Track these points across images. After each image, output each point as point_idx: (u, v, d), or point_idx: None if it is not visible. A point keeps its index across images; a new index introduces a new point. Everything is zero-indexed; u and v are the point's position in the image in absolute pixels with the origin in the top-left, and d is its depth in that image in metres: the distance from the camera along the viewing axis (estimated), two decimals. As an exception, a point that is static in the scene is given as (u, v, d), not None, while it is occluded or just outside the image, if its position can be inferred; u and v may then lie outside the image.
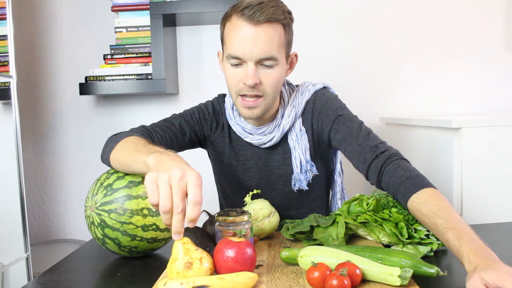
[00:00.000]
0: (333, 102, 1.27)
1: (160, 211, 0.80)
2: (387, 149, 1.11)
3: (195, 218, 0.80)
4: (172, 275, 0.81)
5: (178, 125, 1.28)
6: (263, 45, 1.11)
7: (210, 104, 1.34)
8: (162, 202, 0.80)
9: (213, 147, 1.35)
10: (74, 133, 2.18)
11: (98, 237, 1.02)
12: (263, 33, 1.10)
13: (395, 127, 1.92)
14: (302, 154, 1.25)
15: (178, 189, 0.80)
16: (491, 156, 1.34)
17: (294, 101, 1.27)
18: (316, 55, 2.11)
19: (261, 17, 1.09)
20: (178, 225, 0.80)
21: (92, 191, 1.03)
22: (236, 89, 1.16)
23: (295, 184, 1.26)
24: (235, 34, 1.12)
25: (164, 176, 0.80)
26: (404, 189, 1.00)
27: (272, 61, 1.13)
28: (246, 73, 1.13)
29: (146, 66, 1.96)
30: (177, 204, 0.79)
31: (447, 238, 0.86)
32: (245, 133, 1.28)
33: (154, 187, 0.81)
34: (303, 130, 1.26)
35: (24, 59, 2.13)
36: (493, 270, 0.74)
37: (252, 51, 1.11)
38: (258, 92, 1.15)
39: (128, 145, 1.04)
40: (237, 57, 1.12)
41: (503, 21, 2.08)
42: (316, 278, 0.78)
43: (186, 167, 0.83)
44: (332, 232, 1.02)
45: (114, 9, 1.97)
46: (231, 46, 1.13)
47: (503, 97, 2.11)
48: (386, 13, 2.10)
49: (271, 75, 1.14)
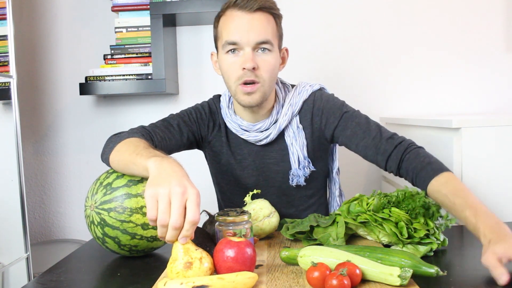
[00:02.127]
0: (335, 100, 1.31)
1: (158, 225, 0.82)
2: (403, 139, 1.20)
3: (188, 236, 0.82)
4: (172, 275, 0.81)
5: (176, 126, 1.29)
6: (259, 29, 1.17)
7: (206, 104, 1.37)
8: (161, 215, 0.81)
9: (210, 147, 1.36)
10: (74, 133, 2.18)
11: (98, 236, 1.02)
12: (257, 19, 1.17)
13: (395, 127, 1.92)
14: (299, 150, 1.28)
15: (178, 205, 0.81)
16: (491, 156, 1.34)
17: (292, 99, 1.29)
18: (316, 55, 2.11)
19: (255, 4, 1.16)
20: (173, 238, 0.83)
21: (92, 191, 1.03)
22: (235, 76, 1.19)
23: (292, 179, 1.29)
24: (231, 23, 1.18)
25: (164, 191, 0.82)
26: (425, 174, 1.09)
27: (269, 44, 1.18)
28: (244, 58, 1.17)
29: (146, 66, 1.96)
30: (175, 219, 0.81)
31: (466, 215, 0.94)
32: (241, 131, 1.29)
33: (154, 203, 0.83)
34: (301, 127, 1.29)
35: (24, 59, 2.13)
36: (505, 243, 0.83)
37: (249, 35, 1.16)
38: (256, 78, 1.18)
39: (128, 147, 1.05)
40: (234, 42, 1.17)
41: (503, 21, 2.08)
42: (316, 278, 0.78)
43: (186, 183, 0.84)
44: (332, 232, 1.02)
45: (114, 9, 1.97)
46: (227, 34, 1.18)
47: (503, 97, 2.11)
48: (386, 13, 2.09)
49: (267, 61, 1.19)
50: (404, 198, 1.03)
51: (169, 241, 0.83)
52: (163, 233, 0.83)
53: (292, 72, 2.07)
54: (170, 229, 0.81)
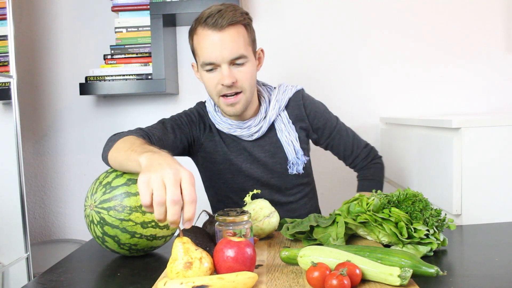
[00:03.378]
0: (319, 105, 1.45)
1: (155, 204, 0.78)
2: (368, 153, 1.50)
3: (191, 217, 0.78)
4: (172, 275, 0.81)
5: (170, 128, 1.32)
6: (231, 46, 1.22)
7: (193, 109, 1.43)
8: (156, 192, 0.78)
9: (203, 149, 1.39)
10: (74, 133, 2.18)
11: (98, 236, 1.02)
12: (228, 36, 1.22)
13: (395, 127, 1.92)
14: (294, 140, 1.38)
15: (172, 182, 0.78)
16: (491, 156, 1.34)
17: (278, 96, 1.39)
18: (316, 55, 2.11)
19: (223, 22, 1.21)
20: (175, 216, 0.77)
21: (91, 190, 1.04)
22: (216, 91, 1.27)
23: (292, 168, 1.38)
24: (204, 43, 1.23)
25: (157, 176, 0.79)
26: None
27: (242, 59, 1.25)
28: (222, 75, 1.24)
29: (146, 66, 1.96)
30: (173, 193, 0.77)
31: None
32: (233, 128, 1.35)
33: (146, 187, 0.79)
34: (291, 121, 1.39)
35: (24, 59, 2.13)
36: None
37: (223, 54, 1.22)
38: (237, 89, 1.26)
39: (125, 144, 1.06)
40: (211, 62, 1.23)
41: (503, 21, 2.08)
42: (316, 278, 0.78)
43: (178, 166, 0.82)
44: (332, 232, 1.02)
45: (114, 9, 1.97)
46: (203, 55, 1.24)
47: (503, 97, 2.11)
48: (387, 13, 2.10)
49: (244, 72, 1.26)
50: (405, 198, 1.03)
51: (171, 221, 0.77)
52: (161, 214, 0.78)
53: (292, 73, 2.08)
54: (169, 206, 0.77)
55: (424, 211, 0.99)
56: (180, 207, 0.78)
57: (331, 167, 1.87)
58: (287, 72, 2.10)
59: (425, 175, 1.56)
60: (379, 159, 1.52)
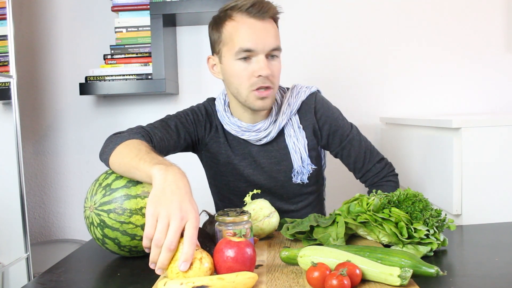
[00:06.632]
0: (333, 110, 1.37)
1: (153, 244, 0.82)
2: (383, 167, 1.38)
3: (189, 259, 0.80)
4: (172, 275, 0.81)
5: (174, 127, 1.29)
6: (272, 36, 1.20)
7: (202, 106, 1.37)
8: (157, 235, 0.81)
9: (207, 149, 1.36)
10: (74, 133, 2.18)
11: (98, 238, 1.02)
12: (270, 27, 1.21)
13: (395, 127, 1.92)
14: (302, 148, 1.31)
15: (175, 228, 0.81)
16: (491, 156, 1.34)
17: (290, 100, 1.33)
18: (315, 55, 2.11)
19: (267, 14, 1.20)
20: (165, 262, 0.81)
21: (91, 192, 1.03)
22: (249, 83, 1.20)
23: (296, 177, 1.32)
24: (245, 30, 1.19)
25: (165, 215, 0.83)
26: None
27: (278, 51, 1.23)
28: (259, 66, 1.19)
29: (146, 66, 1.96)
30: (171, 241, 0.81)
31: None
32: (241, 131, 1.30)
33: (153, 221, 0.83)
34: (301, 127, 1.33)
35: (24, 59, 2.13)
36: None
37: (265, 43, 1.19)
38: (270, 83, 1.21)
39: (130, 150, 1.04)
40: (249, 49, 1.18)
41: (503, 21, 2.08)
42: (316, 278, 0.78)
43: (187, 206, 0.84)
44: (332, 232, 1.02)
45: (114, 9, 1.97)
46: (242, 40, 1.19)
47: (503, 97, 2.11)
48: (386, 13, 2.09)
49: (276, 66, 1.23)
50: (405, 198, 1.03)
51: (159, 266, 0.81)
52: (156, 255, 0.82)
53: (292, 73, 2.08)
54: (163, 251, 0.81)
55: (424, 211, 0.99)
56: (173, 254, 0.81)
57: (336, 171, 1.86)
58: (287, 72, 2.10)
59: (425, 175, 1.56)
60: (393, 176, 1.39)
